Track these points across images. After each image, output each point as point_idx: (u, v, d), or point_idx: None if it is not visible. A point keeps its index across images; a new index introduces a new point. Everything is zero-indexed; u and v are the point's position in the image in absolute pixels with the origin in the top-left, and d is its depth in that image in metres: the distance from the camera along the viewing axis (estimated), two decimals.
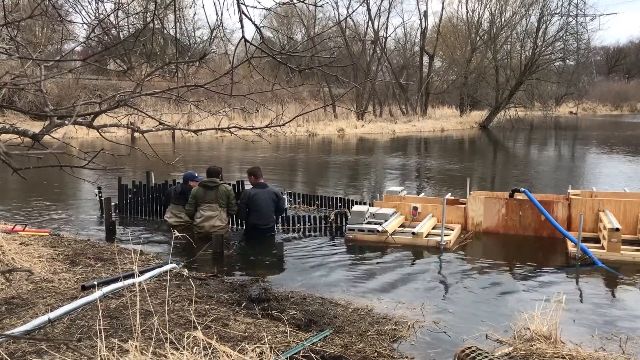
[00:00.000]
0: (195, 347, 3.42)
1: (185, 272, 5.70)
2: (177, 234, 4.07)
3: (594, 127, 37.60)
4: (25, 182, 10.18)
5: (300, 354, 3.70)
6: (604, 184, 12.78)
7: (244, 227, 8.27)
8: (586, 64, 44.73)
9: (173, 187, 8.60)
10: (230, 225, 8.25)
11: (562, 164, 18.55)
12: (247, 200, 7.84)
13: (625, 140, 26.53)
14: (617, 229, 6.70)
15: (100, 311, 3.79)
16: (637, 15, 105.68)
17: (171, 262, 5.92)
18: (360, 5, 34.12)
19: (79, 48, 27.25)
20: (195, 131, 3.35)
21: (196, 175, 8.59)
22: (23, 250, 6.04)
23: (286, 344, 3.90)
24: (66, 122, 2.84)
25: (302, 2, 3.18)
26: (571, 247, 6.99)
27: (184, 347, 3.43)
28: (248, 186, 8.36)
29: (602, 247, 6.92)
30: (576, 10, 38.22)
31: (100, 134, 3.04)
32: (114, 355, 3.19)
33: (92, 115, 3.04)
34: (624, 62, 70.68)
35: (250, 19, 2.71)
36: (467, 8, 38.33)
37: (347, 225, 7.86)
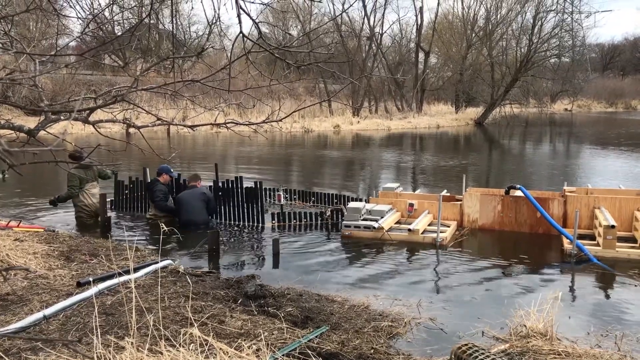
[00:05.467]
0: (192, 344, 3.40)
1: (181, 268, 5.67)
2: (165, 227, 4.01)
3: (589, 124, 37.71)
4: (20, 178, 10.12)
5: (297, 351, 3.70)
6: (599, 181, 12.82)
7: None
8: (581, 61, 44.78)
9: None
10: None
11: (557, 161, 18.59)
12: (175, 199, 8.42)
13: (619, 137, 26.62)
14: (613, 226, 6.72)
15: (96, 308, 3.77)
16: (632, 12, 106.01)
17: (167, 259, 5.90)
18: (356, 0, 34.04)
19: (73, 43, 27.05)
20: (192, 127, 3.32)
21: (172, 170, 8.60)
22: (17, 246, 5.99)
23: (283, 341, 3.89)
24: (62, 117, 2.81)
25: None
26: (567, 244, 7.01)
27: (180, 344, 3.41)
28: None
29: (598, 244, 6.94)
30: (571, 7, 38.22)
31: (97, 130, 3.02)
32: (110, 352, 3.17)
33: (88, 111, 3.01)
34: (619, 59, 70.87)
35: (248, 14, 2.69)
36: (462, 4, 38.36)
37: (343, 222, 7.85)
